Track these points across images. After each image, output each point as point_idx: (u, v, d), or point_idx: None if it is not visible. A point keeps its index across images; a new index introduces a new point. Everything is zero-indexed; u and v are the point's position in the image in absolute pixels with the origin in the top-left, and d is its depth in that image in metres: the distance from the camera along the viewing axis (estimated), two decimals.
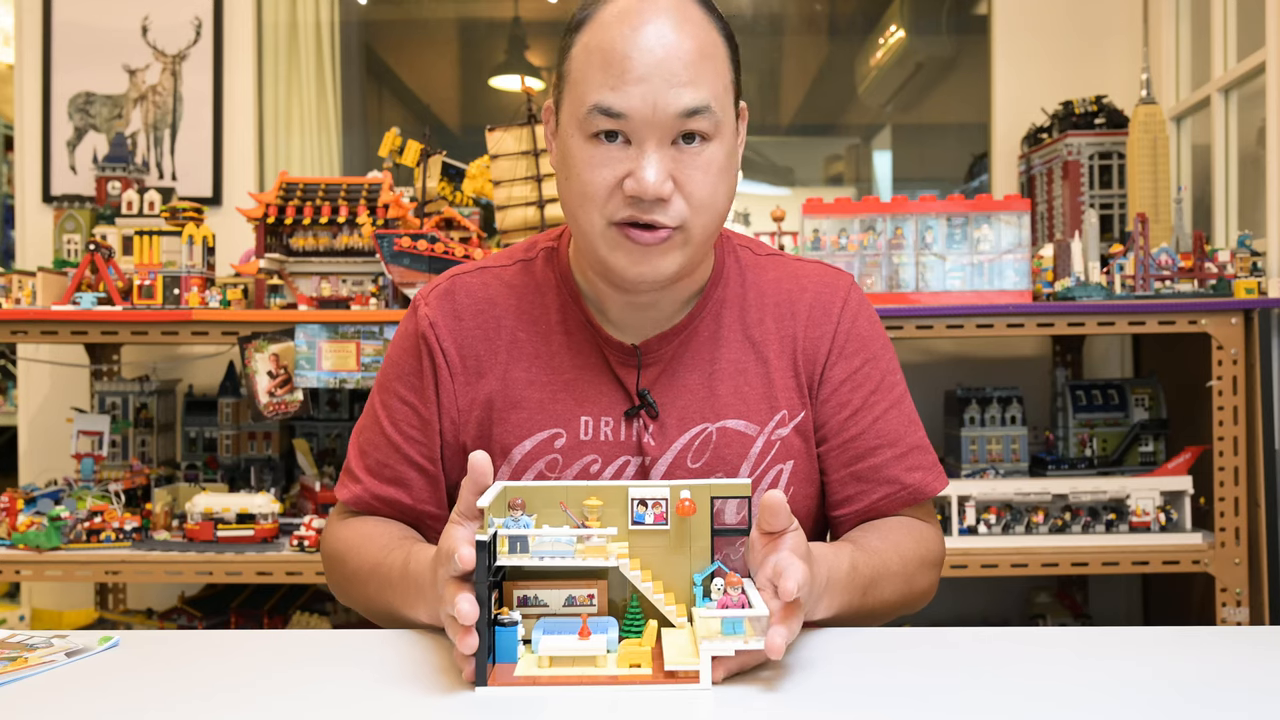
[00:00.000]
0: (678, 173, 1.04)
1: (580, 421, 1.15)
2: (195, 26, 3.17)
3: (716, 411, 1.16)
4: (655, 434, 1.15)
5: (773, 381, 1.17)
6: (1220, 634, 1.04)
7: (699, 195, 1.05)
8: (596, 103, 1.03)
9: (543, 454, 1.15)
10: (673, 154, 1.04)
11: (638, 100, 1.02)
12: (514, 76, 3.58)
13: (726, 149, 1.07)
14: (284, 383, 2.30)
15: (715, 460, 1.15)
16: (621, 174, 1.04)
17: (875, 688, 0.85)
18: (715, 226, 1.10)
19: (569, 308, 1.18)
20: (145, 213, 2.67)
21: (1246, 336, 2.25)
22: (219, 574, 2.30)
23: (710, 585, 0.89)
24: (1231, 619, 2.24)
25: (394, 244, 2.23)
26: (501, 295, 1.20)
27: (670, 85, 1.02)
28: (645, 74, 1.02)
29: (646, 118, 1.02)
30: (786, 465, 1.17)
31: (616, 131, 1.04)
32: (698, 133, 1.04)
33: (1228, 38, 2.72)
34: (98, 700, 0.84)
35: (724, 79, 1.07)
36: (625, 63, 1.02)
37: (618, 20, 1.04)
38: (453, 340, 1.18)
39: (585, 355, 1.17)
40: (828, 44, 3.66)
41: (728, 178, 1.08)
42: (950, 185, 3.51)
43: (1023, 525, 2.36)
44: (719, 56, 1.07)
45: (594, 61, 1.04)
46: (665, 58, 1.02)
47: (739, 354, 1.18)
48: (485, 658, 0.84)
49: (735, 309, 1.19)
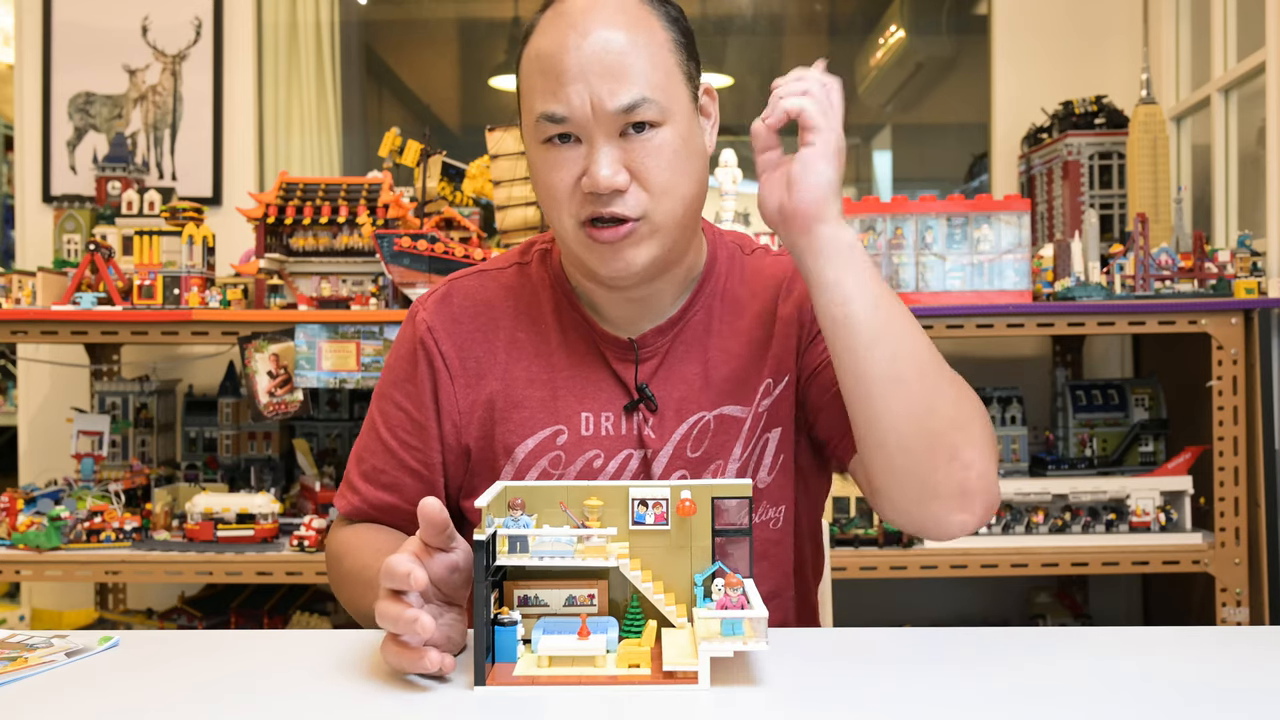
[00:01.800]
0: (631, 163, 1.05)
1: (581, 418, 1.16)
2: (195, 26, 3.17)
3: (713, 400, 1.16)
4: (655, 426, 1.16)
5: (759, 356, 1.18)
6: (1220, 634, 1.04)
7: (658, 181, 1.06)
8: (541, 111, 1.05)
9: (545, 451, 1.15)
10: (623, 145, 1.05)
11: (576, 101, 1.03)
12: (514, 76, 3.57)
13: (681, 132, 1.07)
14: (284, 383, 2.30)
15: (713, 447, 1.16)
16: (578, 173, 1.06)
17: (875, 688, 0.85)
18: (685, 210, 1.10)
19: (564, 306, 1.19)
20: (145, 213, 2.67)
21: (1246, 336, 2.25)
22: (219, 574, 2.30)
23: (711, 585, 0.89)
24: (1231, 619, 2.25)
25: (394, 244, 2.23)
26: (498, 297, 1.21)
27: (603, 81, 1.03)
28: (577, 74, 1.03)
29: (587, 117, 1.04)
30: (774, 433, 1.17)
31: (567, 134, 1.06)
32: (646, 121, 1.05)
33: (1228, 38, 2.72)
34: (98, 700, 0.84)
35: (664, 65, 1.06)
36: (559, 67, 1.04)
37: (553, 26, 1.07)
38: (451, 344, 1.18)
39: (583, 352, 1.18)
40: (828, 44, 3.66)
41: (688, 161, 1.08)
42: (950, 185, 3.51)
43: (1023, 525, 2.36)
44: (656, 43, 1.06)
45: (534, 70, 1.07)
46: (595, 54, 1.03)
47: (731, 341, 1.18)
48: (484, 657, 0.84)
49: (728, 299, 1.20)
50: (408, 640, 0.85)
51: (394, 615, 0.84)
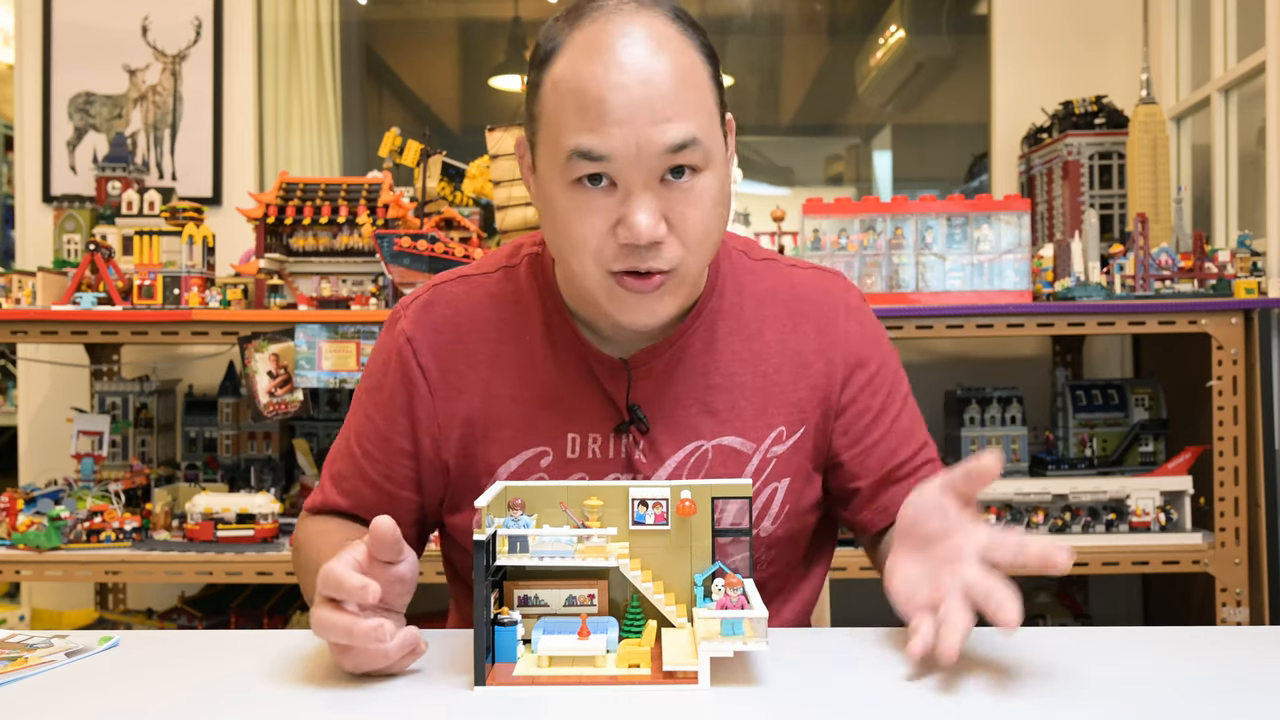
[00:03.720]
0: (669, 212, 0.97)
1: (567, 439, 1.10)
2: (195, 26, 3.17)
3: (712, 429, 1.10)
4: (646, 450, 1.09)
5: (771, 396, 1.11)
6: (1220, 634, 1.04)
7: (694, 233, 0.98)
8: (575, 147, 0.94)
9: (529, 473, 1.09)
10: (662, 192, 0.96)
11: (619, 142, 0.93)
12: (514, 76, 3.58)
13: (719, 178, 0.99)
14: (284, 383, 2.30)
15: (710, 478, 1.09)
16: (612, 221, 0.96)
17: (875, 688, 0.85)
18: (709, 260, 1.04)
19: (554, 320, 1.11)
20: (145, 213, 2.67)
21: (1246, 336, 2.25)
22: (219, 574, 2.30)
23: (711, 585, 0.89)
24: (1231, 619, 2.25)
25: (394, 244, 2.23)
26: (483, 306, 1.13)
27: (654, 122, 0.93)
28: (625, 114, 0.93)
29: (631, 159, 0.94)
30: (782, 483, 1.12)
31: (600, 174, 0.96)
32: (687, 166, 0.96)
33: (1228, 38, 2.72)
34: (98, 700, 0.84)
35: (709, 102, 0.99)
36: (601, 104, 0.93)
37: (587, 54, 0.95)
38: (431, 355, 1.11)
39: (571, 370, 1.10)
40: (828, 44, 3.67)
41: (722, 209, 1.01)
42: (950, 185, 3.51)
43: (1023, 525, 2.36)
44: (701, 79, 0.98)
45: (567, 103, 0.95)
46: (645, 93, 0.93)
47: (735, 367, 1.11)
48: (484, 657, 0.84)
49: (730, 320, 1.13)
50: (368, 648, 0.83)
51: (344, 626, 0.82)
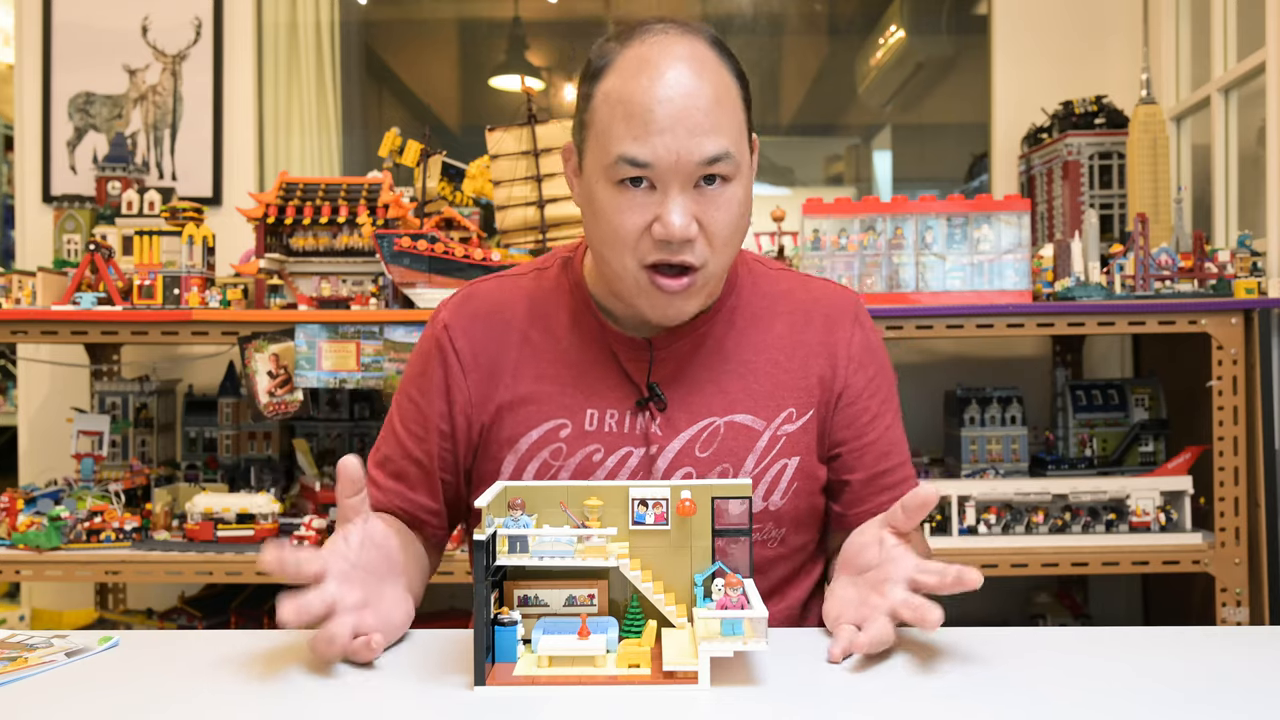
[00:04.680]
0: (701, 214, 1.09)
1: (586, 413, 1.20)
2: (195, 26, 3.17)
3: (725, 406, 1.20)
4: (662, 424, 1.19)
5: (782, 380, 1.22)
6: (1220, 634, 1.04)
7: (721, 235, 1.11)
8: (621, 154, 1.08)
9: (547, 443, 1.19)
10: (695, 196, 1.09)
11: (661, 150, 1.07)
12: (514, 76, 3.58)
13: (745, 188, 1.13)
14: (284, 383, 2.30)
15: (723, 451, 1.19)
16: (649, 218, 1.09)
17: (874, 688, 0.85)
18: (730, 262, 1.16)
19: (580, 311, 1.24)
20: (145, 213, 2.67)
21: (1246, 336, 2.25)
22: (219, 574, 2.30)
23: (711, 585, 0.89)
24: (1231, 619, 2.25)
25: (394, 244, 2.23)
26: (515, 299, 1.26)
27: (692, 135, 1.07)
28: (668, 125, 1.06)
29: (670, 166, 1.07)
30: (791, 460, 1.21)
31: (641, 177, 1.09)
32: (719, 175, 1.09)
33: (1228, 38, 2.72)
34: (98, 700, 0.84)
35: (739, 121, 1.12)
36: (648, 115, 1.07)
37: (637, 71, 1.09)
38: (466, 340, 1.23)
39: (595, 351, 1.22)
40: (828, 44, 3.67)
41: (745, 217, 1.14)
42: (950, 185, 3.51)
43: (1023, 525, 2.36)
44: (734, 100, 1.12)
45: (617, 113, 1.09)
46: (686, 108, 1.07)
47: (749, 355, 1.23)
48: (484, 657, 0.84)
49: (747, 314, 1.25)
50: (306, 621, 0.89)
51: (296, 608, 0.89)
